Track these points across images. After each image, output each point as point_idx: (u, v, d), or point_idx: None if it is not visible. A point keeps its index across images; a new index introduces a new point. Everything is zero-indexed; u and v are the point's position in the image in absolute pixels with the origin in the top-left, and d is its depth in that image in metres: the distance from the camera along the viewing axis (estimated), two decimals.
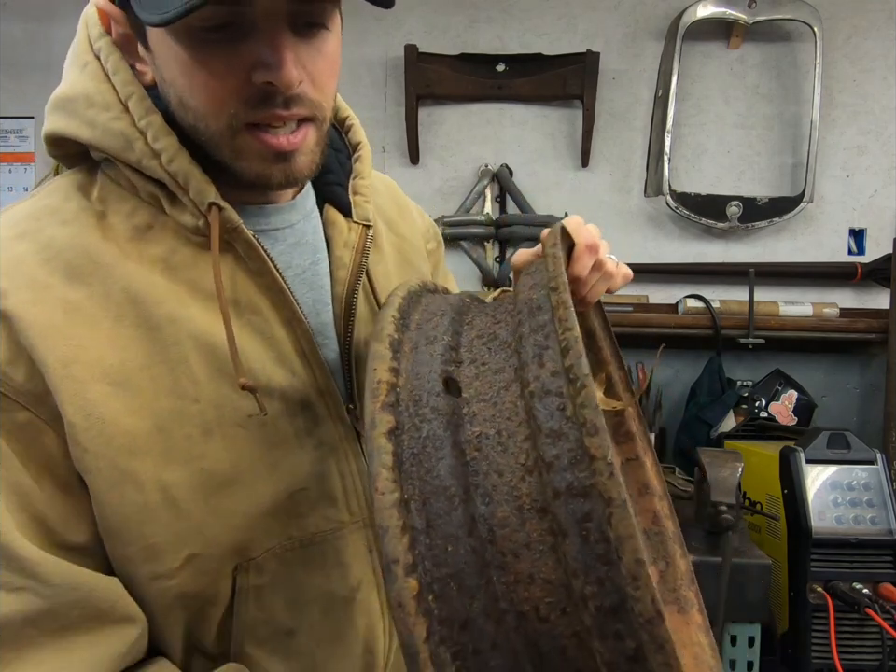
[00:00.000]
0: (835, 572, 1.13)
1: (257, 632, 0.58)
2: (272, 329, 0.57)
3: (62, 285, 0.51)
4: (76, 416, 0.49)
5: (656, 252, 1.98)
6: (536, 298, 0.34)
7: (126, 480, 0.51)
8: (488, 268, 1.99)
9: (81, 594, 0.49)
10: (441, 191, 2.03)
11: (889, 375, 1.82)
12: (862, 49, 1.91)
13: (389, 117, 2.01)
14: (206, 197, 0.52)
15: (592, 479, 0.28)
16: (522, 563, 0.29)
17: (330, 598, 0.60)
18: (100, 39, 0.54)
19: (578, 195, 2.00)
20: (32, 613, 0.48)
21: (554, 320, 0.31)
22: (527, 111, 2.00)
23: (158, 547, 0.52)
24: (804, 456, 1.19)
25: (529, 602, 0.29)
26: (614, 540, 0.27)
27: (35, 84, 2.06)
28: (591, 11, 1.97)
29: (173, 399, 0.52)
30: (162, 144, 0.51)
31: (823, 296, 1.92)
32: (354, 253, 0.63)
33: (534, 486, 0.30)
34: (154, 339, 0.52)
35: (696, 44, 1.91)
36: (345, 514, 0.60)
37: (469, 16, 1.99)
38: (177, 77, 0.50)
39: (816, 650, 1.12)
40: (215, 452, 0.53)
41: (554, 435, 0.29)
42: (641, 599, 0.26)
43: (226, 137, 0.51)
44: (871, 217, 1.94)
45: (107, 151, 0.53)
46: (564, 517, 0.28)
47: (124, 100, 0.52)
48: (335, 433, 0.59)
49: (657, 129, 1.91)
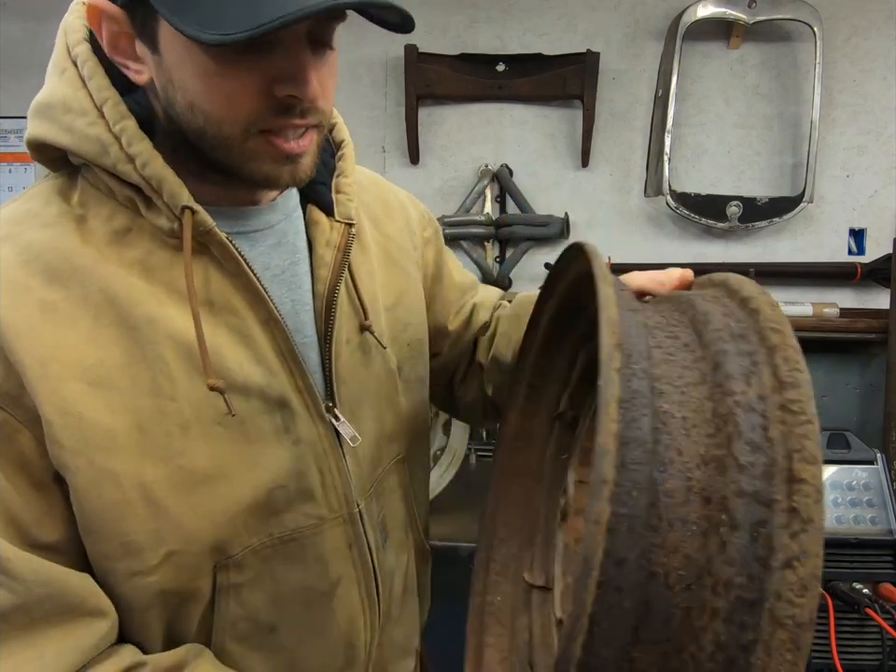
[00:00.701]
0: (835, 572, 1.13)
1: (238, 628, 0.59)
2: (249, 329, 0.58)
3: (40, 287, 0.52)
4: (53, 414, 0.50)
5: (656, 252, 1.98)
6: (734, 326, 0.40)
7: (104, 477, 0.52)
8: (488, 268, 1.99)
9: (52, 589, 0.51)
10: (441, 191, 2.03)
11: (889, 375, 1.82)
12: (862, 49, 1.91)
13: (389, 117, 2.01)
14: (179, 200, 0.53)
15: (783, 495, 0.33)
16: (673, 533, 0.34)
17: (311, 594, 0.62)
18: (77, 46, 0.54)
19: (578, 195, 2.00)
20: (3, 608, 0.49)
21: (775, 358, 0.37)
22: (527, 111, 2.00)
23: (136, 544, 0.53)
24: None
25: (664, 567, 0.34)
26: (792, 551, 0.33)
27: (35, 84, 2.06)
28: (591, 11, 1.97)
29: (151, 398, 0.53)
30: (136, 149, 0.52)
31: (823, 296, 1.92)
32: (336, 252, 0.64)
33: (706, 476, 0.34)
34: (132, 338, 0.53)
35: (696, 44, 1.91)
36: (325, 510, 0.62)
37: (469, 16, 1.99)
38: (193, 82, 0.51)
39: (816, 650, 1.12)
40: (193, 449, 0.54)
41: (754, 446, 0.34)
42: (803, 606, 0.32)
43: (238, 141, 0.53)
44: (871, 216, 1.94)
45: (84, 156, 0.54)
46: (741, 515, 0.33)
47: (99, 105, 0.53)
48: (314, 430, 0.61)
49: (657, 129, 1.91)
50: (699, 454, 0.35)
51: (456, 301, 0.85)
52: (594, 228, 1.99)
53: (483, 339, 0.84)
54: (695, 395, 0.37)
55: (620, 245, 1.97)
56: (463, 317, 0.85)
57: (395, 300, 0.73)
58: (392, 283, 0.73)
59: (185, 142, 0.55)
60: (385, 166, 2.01)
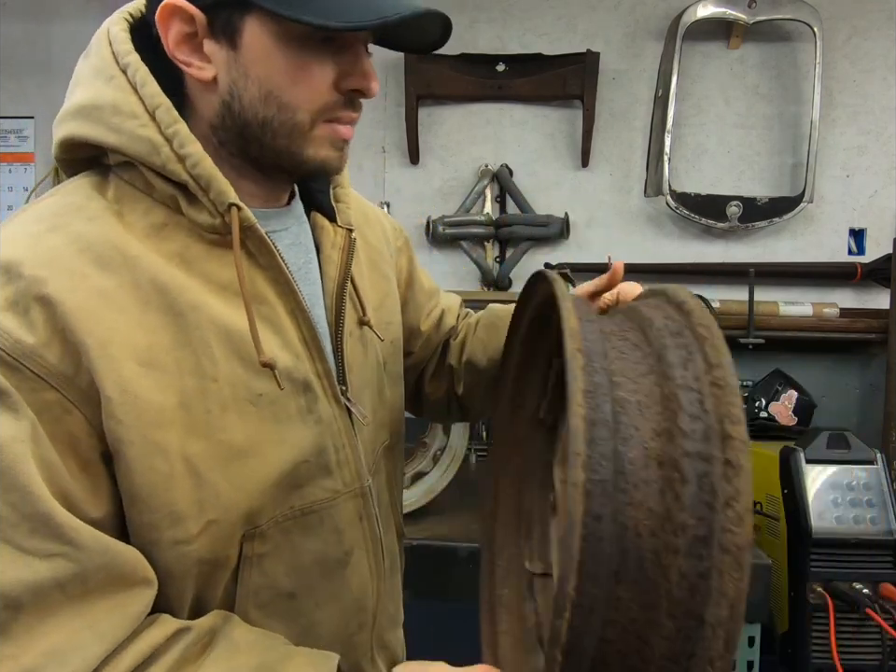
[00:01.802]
0: (835, 572, 1.13)
1: (260, 596, 0.64)
2: (278, 318, 0.64)
3: (95, 274, 0.56)
4: (113, 391, 0.54)
5: (656, 252, 1.98)
6: (670, 325, 0.49)
7: (155, 451, 0.56)
8: (488, 268, 1.99)
9: (108, 558, 0.54)
10: (441, 191, 2.03)
11: (889, 375, 1.82)
12: (862, 49, 1.91)
13: (389, 117, 2.01)
14: (227, 198, 0.59)
15: (719, 450, 0.43)
16: (638, 492, 0.43)
17: (327, 562, 0.68)
18: (128, 56, 0.59)
19: (578, 195, 2.01)
20: (62, 578, 0.51)
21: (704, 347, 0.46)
22: (527, 111, 2.01)
23: (181, 513, 0.58)
24: (804, 456, 1.19)
25: (633, 520, 0.42)
26: (729, 493, 0.42)
27: (35, 84, 2.07)
28: (591, 11, 1.97)
29: (195, 379, 0.58)
30: (188, 150, 0.58)
31: (823, 296, 1.92)
32: (341, 253, 0.72)
33: (658, 445, 0.44)
34: (178, 324, 0.58)
35: (696, 44, 1.92)
36: (339, 484, 0.68)
37: (469, 16, 1.99)
38: (273, 74, 0.58)
39: (816, 650, 1.12)
40: (231, 426, 0.60)
41: (693, 416, 0.44)
42: (740, 534, 0.41)
43: (307, 128, 0.61)
44: (871, 216, 1.94)
45: (133, 155, 0.58)
46: (689, 471, 0.42)
47: (151, 110, 0.58)
48: (330, 411, 0.67)
49: (657, 129, 1.91)
50: (652, 428, 0.45)
51: (426, 304, 0.94)
52: (594, 228, 1.99)
53: (454, 343, 0.94)
54: (646, 382, 0.47)
55: (620, 245, 1.97)
56: (433, 320, 0.94)
57: (379, 301, 0.80)
58: (377, 285, 0.81)
59: (227, 143, 0.62)
60: (385, 166, 2.01)
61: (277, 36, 0.57)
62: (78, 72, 0.62)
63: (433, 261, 2.02)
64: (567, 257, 1.98)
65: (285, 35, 0.57)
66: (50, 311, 0.53)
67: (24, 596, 0.50)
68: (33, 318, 0.53)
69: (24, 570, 0.50)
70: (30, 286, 0.53)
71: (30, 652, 0.49)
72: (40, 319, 0.53)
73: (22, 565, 0.50)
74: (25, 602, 0.50)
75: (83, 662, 0.51)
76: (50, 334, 0.53)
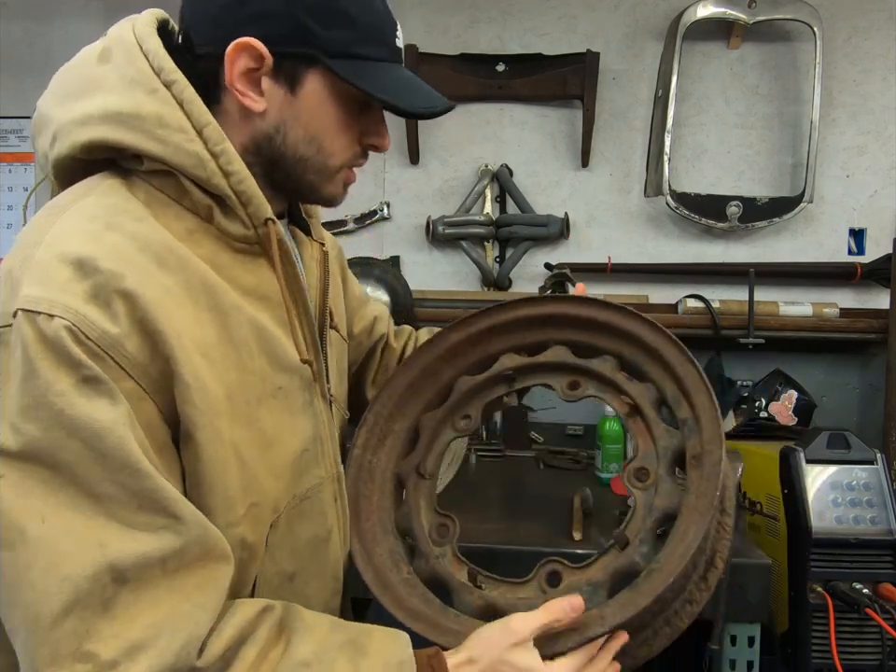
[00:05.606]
0: (835, 572, 1.13)
1: (272, 583, 0.69)
2: (291, 321, 0.69)
3: (157, 272, 0.60)
4: (190, 378, 0.58)
5: (656, 252, 1.98)
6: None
7: (216, 437, 0.61)
8: (488, 268, 1.99)
9: (203, 531, 0.57)
10: (441, 191, 2.03)
11: (888, 375, 1.82)
12: (862, 49, 1.91)
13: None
14: (265, 213, 0.66)
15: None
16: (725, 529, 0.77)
17: (315, 542, 0.74)
18: (172, 73, 0.63)
19: (578, 195, 2.01)
20: (167, 552, 0.55)
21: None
22: (527, 111, 2.01)
23: (232, 497, 0.62)
24: (804, 456, 1.19)
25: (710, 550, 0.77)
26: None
27: (36, 84, 2.06)
28: (591, 11, 1.97)
29: (237, 372, 0.64)
30: (234, 167, 0.63)
31: (823, 296, 1.92)
32: (319, 265, 0.80)
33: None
34: (222, 322, 0.63)
35: (696, 44, 1.92)
36: (324, 471, 0.76)
37: (469, 16, 1.99)
38: (322, 122, 0.67)
39: (816, 650, 1.12)
40: (263, 416, 0.66)
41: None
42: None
43: (334, 170, 0.70)
44: (871, 216, 1.94)
45: (176, 166, 0.62)
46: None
47: (198, 127, 0.62)
48: (320, 405, 0.75)
49: (657, 129, 1.91)
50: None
51: (358, 309, 1.02)
52: (593, 228, 1.99)
53: (395, 350, 1.06)
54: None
55: (620, 245, 1.97)
56: (365, 324, 1.02)
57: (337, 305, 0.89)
58: (336, 291, 0.89)
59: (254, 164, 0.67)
60: (385, 166, 2.00)
61: (335, 94, 0.66)
62: (97, 77, 0.63)
63: (433, 261, 2.01)
64: (566, 257, 1.98)
65: (340, 94, 0.66)
66: (131, 303, 0.56)
67: (130, 571, 0.53)
68: (115, 310, 0.56)
69: (133, 544, 0.53)
70: (109, 280, 0.56)
71: (133, 628, 0.52)
72: (122, 311, 0.56)
73: (130, 538, 0.53)
74: (130, 578, 0.53)
75: (196, 628, 0.54)
76: (130, 325, 0.56)
